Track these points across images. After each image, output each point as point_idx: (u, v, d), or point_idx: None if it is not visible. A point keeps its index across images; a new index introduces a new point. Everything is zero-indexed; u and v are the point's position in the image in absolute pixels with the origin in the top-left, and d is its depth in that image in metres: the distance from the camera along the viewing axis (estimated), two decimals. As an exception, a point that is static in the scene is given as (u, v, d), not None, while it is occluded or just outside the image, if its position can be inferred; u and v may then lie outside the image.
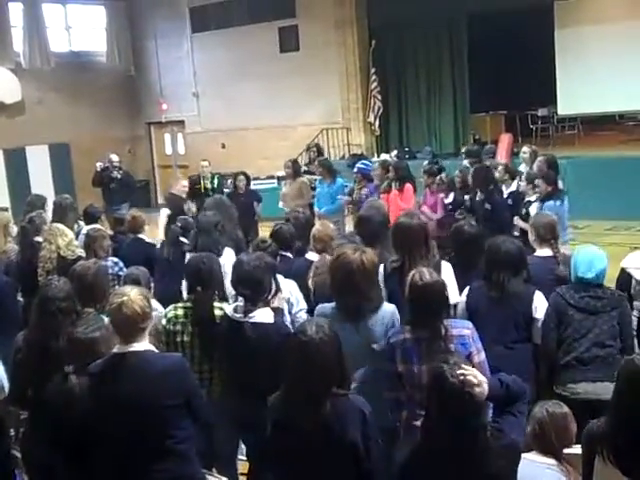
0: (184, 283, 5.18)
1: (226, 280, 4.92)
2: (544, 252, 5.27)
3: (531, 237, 5.40)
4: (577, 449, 3.67)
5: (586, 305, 4.48)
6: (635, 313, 4.87)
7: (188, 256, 5.95)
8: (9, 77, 17.39)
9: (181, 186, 10.26)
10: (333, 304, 4.28)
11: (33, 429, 4.19)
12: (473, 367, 3.73)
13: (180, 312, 4.80)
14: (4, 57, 17.41)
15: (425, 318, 3.88)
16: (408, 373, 3.92)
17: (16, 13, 17.80)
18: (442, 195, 9.24)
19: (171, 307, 4.89)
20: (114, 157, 13.82)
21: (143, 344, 3.73)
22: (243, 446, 4.78)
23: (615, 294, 4.61)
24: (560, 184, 8.01)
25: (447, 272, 4.87)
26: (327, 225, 5.99)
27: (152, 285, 5.59)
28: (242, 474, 4.89)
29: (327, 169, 10.72)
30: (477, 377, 3.12)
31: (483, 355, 3.94)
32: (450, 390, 3.02)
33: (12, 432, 4.52)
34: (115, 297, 3.74)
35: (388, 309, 4.28)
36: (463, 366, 3.12)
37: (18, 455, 4.42)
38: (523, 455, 3.46)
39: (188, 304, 4.81)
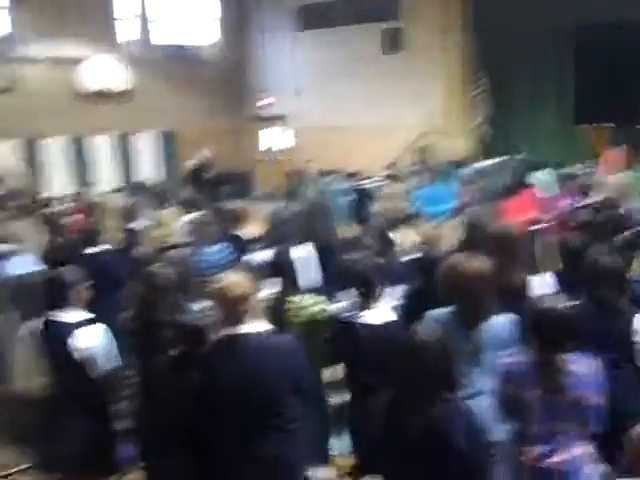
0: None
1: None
2: None
3: None
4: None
5: None
6: None
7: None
8: (118, 65, 17.88)
9: None
10: (446, 309, 4.22)
11: (143, 404, 4.35)
12: (588, 408, 3.67)
13: None
14: (113, 46, 17.88)
15: (547, 346, 3.71)
16: (518, 399, 3.78)
17: (125, 2, 18.25)
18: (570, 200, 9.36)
19: None
20: (208, 153, 13.05)
21: (252, 325, 3.81)
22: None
23: None
24: None
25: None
26: (430, 229, 6.00)
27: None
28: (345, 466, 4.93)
29: (435, 171, 10.80)
30: None
31: (602, 399, 3.68)
32: None
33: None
34: (215, 282, 3.86)
35: (503, 320, 4.17)
36: None
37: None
38: None
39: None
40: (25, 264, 6.18)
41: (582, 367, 3.71)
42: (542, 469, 3.70)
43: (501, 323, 4.15)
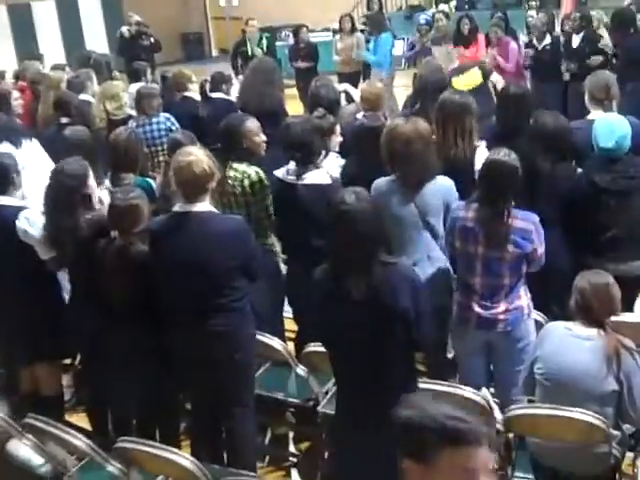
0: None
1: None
2: (596, 114, 5.01)
3: (586, 98, 5.22)
4: (625, 317, 3.77)
5: (619, 187, 4.31)
6: None
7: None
8: None
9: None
10: (388, 178, 4.25)
11: (78, 297, 4.38)
12: (533, 259, 3.83)
13: None
14: None
15: (491, 198, 3.76)
16: (463, 252, 3.90)
17: None
18: (513, 45, 9.39)
19: None
20: (138, 18, 12.26)
21: (205, 205, 3.78)
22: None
23: None
24: None
25: (482, 159, 4.70)
26: (374, 84, 5.88)
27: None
28: (288, 330, 5.06)
29: (374, 22, 10.84)
30: None
31: (543, 246, 3.85)
32: None
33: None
34: (182, 156, 3.78)
35: (445, 183, 4.20)
36: None
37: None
38: (564, 324, 3.49)
39: None
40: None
41: (524, 222, 3.79)
42: (487, 319, 3.87)
43: (444, 186, 4.19)
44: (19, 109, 7.04)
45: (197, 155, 3.73)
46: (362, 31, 11.26)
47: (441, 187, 4.18)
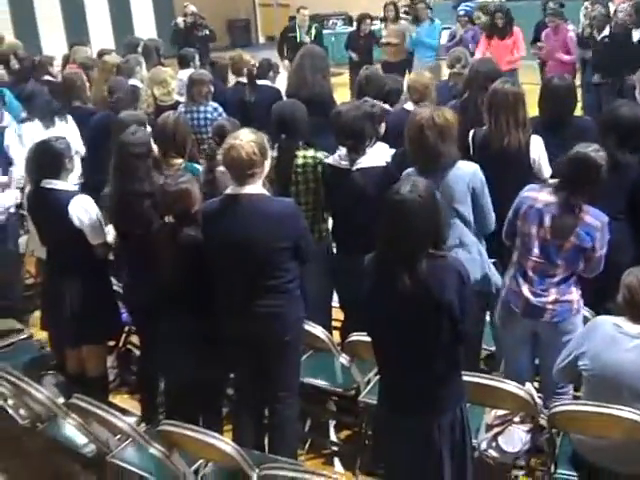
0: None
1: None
2: None
3: (636, 92, 5.16)
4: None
5: None
6: None
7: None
8: None
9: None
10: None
11: (135, 276, 4.44)
12: (591, 259, 3.79)
13: None
14: None
15: (568, 188, 3.74)
16: (523, 233, 3.89)
17: None
18: (571, 34, 9.24)
19: None
20: (194, 9, 12.32)
21: (256, 187, 3.80)
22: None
23: None
24: None
25: (537, 147, 4.66)
26: (422, 74, 5.80)
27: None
28: (335, 320, 5.07)
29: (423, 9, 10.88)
30: None
31: (605, 250, 3.81)
32: None
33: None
34: (229, 139, 3.82)
35: (468, 168, 4.17)
36: None
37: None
38: (612, 319, 3.43)
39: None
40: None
41: (593, 219, 3.76)
42: (535, 306, 3.86)
43: (467, 171, 4.16)
44: (87, 91, 7.17)
45: (242, 139, 3.74)
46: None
47: (464, 173, 4.14)
